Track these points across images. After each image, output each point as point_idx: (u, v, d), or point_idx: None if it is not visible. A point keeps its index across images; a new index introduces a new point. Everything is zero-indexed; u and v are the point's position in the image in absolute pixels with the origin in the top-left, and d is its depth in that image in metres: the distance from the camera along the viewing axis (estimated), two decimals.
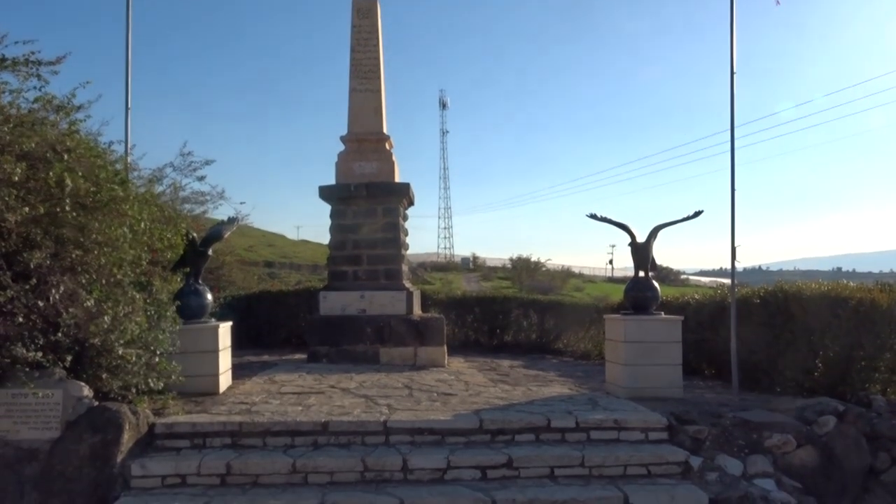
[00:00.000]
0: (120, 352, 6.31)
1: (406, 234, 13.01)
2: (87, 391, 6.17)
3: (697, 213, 8.75)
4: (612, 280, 68.80)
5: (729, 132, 8.96)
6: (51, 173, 5.87)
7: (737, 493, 6.03)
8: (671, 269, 64.38)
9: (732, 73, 8.86)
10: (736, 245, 8.81)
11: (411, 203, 13.23)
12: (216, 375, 8.19)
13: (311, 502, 5.55)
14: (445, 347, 11.75)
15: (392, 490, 5.81)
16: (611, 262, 79.90)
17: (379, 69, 12.71)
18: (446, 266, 72.93)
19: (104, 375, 6.41)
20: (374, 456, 6.17)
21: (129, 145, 9.15)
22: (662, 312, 8.86)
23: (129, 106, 9.30)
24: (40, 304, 5.79)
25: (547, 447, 6.54)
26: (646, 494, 5.88)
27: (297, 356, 12.60)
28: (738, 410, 7.37)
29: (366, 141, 12.56)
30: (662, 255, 9.06)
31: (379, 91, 12.68)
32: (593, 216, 8.96)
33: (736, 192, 8.74)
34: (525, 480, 6.12)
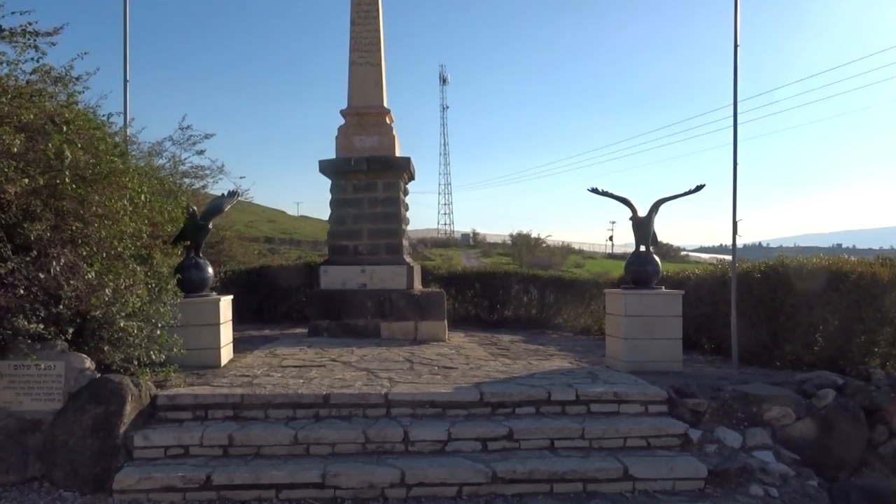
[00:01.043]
0: (121, 324, 6.32)
1: (406, 209, 12.98)
2: (88, 363, 6.19)
3: (699, 188, 8.71)
4: (612, 256, 68.84)
5: (732, 107, 8.91)
6: (49, 145, 5.84)
7: (735, 464, 6.08)
8: (671, 246, 64.41)
9: (736, 46, 8.78)
10: (737, 219, 8.80)
11: (412, 177, 13.18)
12: (217, 348, 8.21)
13: (314, 473, 5.59)
14: (446, 322, 11.78)
15: (393, 461, 5.85)
16: (611, 238, 79.85)
17: (379, 42, 12.58)
18: (446, 242, 72.98)
19: (106, 348, 6.43)
20: (375, 428, 6.20)
21: (127, 118, 9.10)
22: (663, 287, 8.86)
23: (128, 78, 9.23)
24: (41, 276, 5.79)
25: (547, 420, 6.58)
26: (645, 466, 5.92)
27: (298, 330, 12.65)
28: (737, 384, 7.39)
29: (366, 115, 12.47)
30: (662, 231, 9.03)
31: (379, 64, 12.56)
32: (595, 190, 8.93)
33: (738, 165, 8.72)
34: (525, 452, 6.16)
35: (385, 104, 12.60)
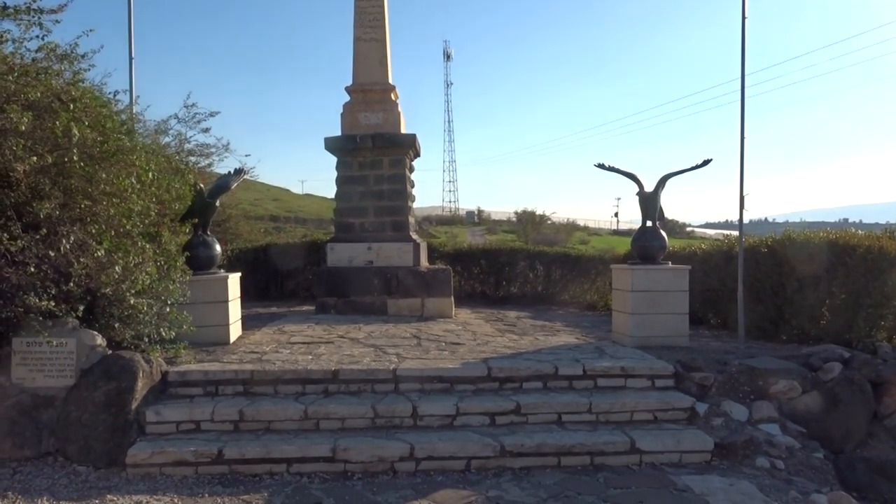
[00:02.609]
0: (132, 301, 6.36)
1: (412, 186, 12.96)
2: (100, 340, 6.25)
3: (706, 162, 8.67)
4: (617, 233, 68.76)
5: (739, 80, 8.82)
6: (57, 123, 5.83)
7: (742, 437, 6.12)
8: (676, 222, 64.34)
9: (744, 18, 8.68)
10: (745, 193, 8.76)
11: (417, 154, 13.15)
12: (226, 325, 8.27)
13: (324, 447, 5.66)
14: (452, 298, 11.82)
15: (402, 436, 5.91)
16: (616, 214, 79.77)
17: (384, 18, 12.49)
18: (451, 220, 72.97)
19: (116, 325, 6.49)
20: (384, 403, 6.26)
21: (133, 95, 9.07)
22: (669, 262, 8.87)
23: (133, 55, 9.19)
24: (51, 254, 5.81)
25: (554, 394, 6.63)
26: (652, 439, 5.97)
27: (305, 308, 12.71)
28: (743, 358, 7.43)
29: (371, 91, 12.41)
30: (668, 207, 9.00)
31: (384, 40, 12.48)
32: (601, 165, 8.90)
33: (745, 139, 8.67)
34: (533, 426, 6.22)
35: (390, 80, 12.54)
